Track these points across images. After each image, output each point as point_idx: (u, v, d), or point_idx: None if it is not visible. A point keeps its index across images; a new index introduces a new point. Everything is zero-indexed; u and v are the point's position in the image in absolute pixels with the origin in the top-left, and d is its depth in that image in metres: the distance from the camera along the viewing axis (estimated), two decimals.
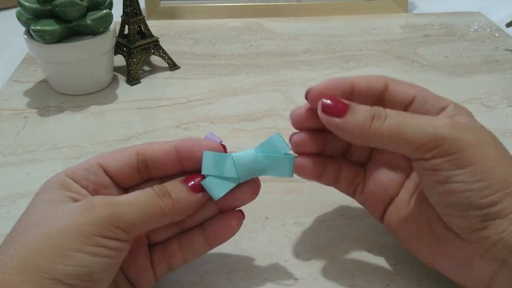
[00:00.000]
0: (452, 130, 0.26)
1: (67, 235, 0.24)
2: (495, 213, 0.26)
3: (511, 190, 0.26)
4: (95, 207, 0.25)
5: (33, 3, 0.49)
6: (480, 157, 0.26)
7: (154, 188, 0.27)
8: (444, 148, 0.26)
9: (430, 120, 0.27)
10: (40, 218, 0.25)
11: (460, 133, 0.26)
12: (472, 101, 0.53)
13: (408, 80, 0.52)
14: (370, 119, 0.27)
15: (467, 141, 0.26)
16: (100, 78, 0.55)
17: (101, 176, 0.29)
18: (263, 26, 0.73)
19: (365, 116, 0.27)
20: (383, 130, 0.27)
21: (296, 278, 0.33)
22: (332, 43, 0.67)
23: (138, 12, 0.57)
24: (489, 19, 0.74)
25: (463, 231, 0.27)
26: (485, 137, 0.27)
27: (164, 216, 0.27)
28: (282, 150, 0.30)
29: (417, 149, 0.27)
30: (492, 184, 0.26)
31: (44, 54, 0.51)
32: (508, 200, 0.26)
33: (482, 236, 0.26)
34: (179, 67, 0.60)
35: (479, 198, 0.26)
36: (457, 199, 0.26)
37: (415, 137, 0.26)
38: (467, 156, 0.26)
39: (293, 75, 0.59)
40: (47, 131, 0.48)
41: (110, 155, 0.30)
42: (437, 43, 0.66)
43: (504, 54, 0.63)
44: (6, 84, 0.57)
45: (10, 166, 0.44)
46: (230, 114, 0.51)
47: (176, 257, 0.31)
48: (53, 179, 0.28)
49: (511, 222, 0.26)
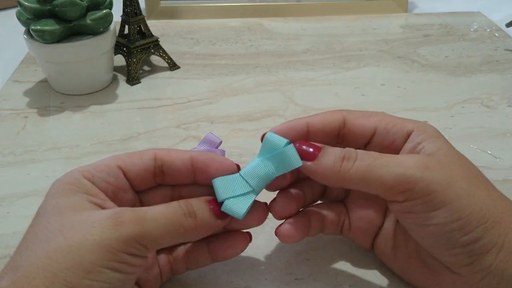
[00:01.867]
0: (421, 172, 0.26)
1: (95, 250, 0.23)
2: (479, 249, 0.25)
3: (490, 223, 0.25)
4: (124, 222, 0.24)
5: (33, 3, 0.49)
6: (453, 196, 0.25)
7: (181, 205, 0.27)
8: (415, 190, 0.26)
9: (399, 161, 0.26)
10: (65, 228, 0.24)
11: (429, 173, 0.26)
12: (472, 101, 0.53)
13: (408, 80, 0.52)
14: (340, 161, 0.27)
15: (437, 181, 0.26)
16: (100, 78, 0.55)
17: (121, 179, 0.28)
18: (263, 26, 0.73)
19: (335, 159, 0.27)
20: (352, 172, 0.27)
21: (296, 278, 0.33)
22: (332, 43, 0.67)
23: (138, 12, 0.57)
24: (489, 19, 0.74)
25: (452, 266, 0.27)
26: (456, 170, 0.27)
27: (186, 235, 0.27)
28: (280, 145, 0.29)
29: (389, 191, 0.26)
30: (470, 221, 0.25)
31: (44, 54, 0.51)
32: (490, 233, 0.25)
33: (471, 270, 0.26)
34: (179, 67, 0.60)
35: (460, 236, 0.25)
36: (438, 240, 0.26)
37: (385, 180, 0.26)
38: (439, 196, 0.25)
39: (293, 75, 0.59)
40: (47, 131, 0.48)
41: (128, 158, 0.29)
42: (437, 43, 0.66)
43: (504, 54, 0.63)
44: (6, 84, 0.57)
45: (10, 166, 0.44)
46: (230, 114, 0.51)
47: (180, 264, 0.31)
48: (68, 179, 0.27)
49: (496, 255, 0.25)
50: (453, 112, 0.51)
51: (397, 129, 0.29)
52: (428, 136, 0.29)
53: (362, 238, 0.32)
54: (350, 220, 0.32)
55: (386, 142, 0.30)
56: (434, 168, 0.26)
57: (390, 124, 0.30)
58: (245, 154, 0.45)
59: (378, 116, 0.30)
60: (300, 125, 0.30)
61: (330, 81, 0.57)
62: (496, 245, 0.25)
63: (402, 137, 0.29)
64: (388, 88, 0.56)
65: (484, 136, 0.47)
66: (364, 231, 0.32)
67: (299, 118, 0.30)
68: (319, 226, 0.32)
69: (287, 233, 0.30)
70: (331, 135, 0.30)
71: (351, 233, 0.32)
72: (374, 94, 0.55)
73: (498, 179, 0.41)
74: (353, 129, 0.30)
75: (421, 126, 0.29)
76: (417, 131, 0.29)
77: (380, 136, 0.30)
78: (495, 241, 0.25)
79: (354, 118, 0.30)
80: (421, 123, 0.30)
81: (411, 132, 0.29)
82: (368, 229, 0.32)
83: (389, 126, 0.30)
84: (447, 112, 0.51)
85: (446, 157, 0.27)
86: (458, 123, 0.49)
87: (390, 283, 0.32)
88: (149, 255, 0.26)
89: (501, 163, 0.43)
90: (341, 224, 0.32)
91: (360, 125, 0.30)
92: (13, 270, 0.24)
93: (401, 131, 0.29)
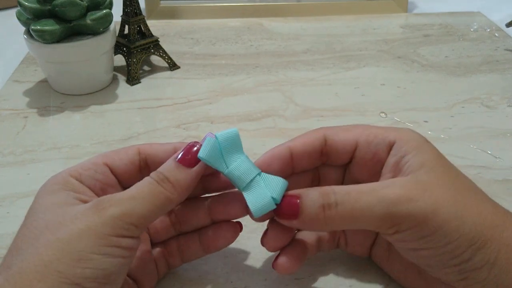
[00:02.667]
0: (406, 206, 0.25)
1: (82, 238, 0.24)
2: (470, 267, 0.25)
3: (480, 242, 0.25)
4: (105, 207, 0.25)
5: (33, 3, 0.49)
6: (441, 222, 0.25)
7: (152, 176, 0.27)
8: (402, 225, 0.25)
9: (382, 198, 0.25)
10: (51, 223, 0.25)
11: (414, 205, 0.25)
12: (472, 101, 0.53)
13: (408, 80, 0.52)
14: (322, 211, 0.26)
15: (423, 211, 0.25)
16: (100, 78, 0.55)
17: (108, 176, 0.29)
18: (263, 26, 0.73)
19: (316, 210, 0.26)
20: (338, 220, 0.26)
21: (296, 278, 0.33)
22: (332, 43, 0.67)
23: (138, 12, 0.57)
24: (489, 19, 0.74)
25: (446, 281, 0.27)
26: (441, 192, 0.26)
27: (169, 201, 0.27)
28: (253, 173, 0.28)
29: (377, 228, 0.26)
30: (459, 244, 0.25)
31: (44, 54, 0.51)
32: (481, 253, 0.25)
33: (465, 285, 0.26)
34: (179, 67, 0.60)
35: (451, 258, 0.25)
36: (430, 262, 0.26)
37: (371, 221, 0.26)
38: (427, 225, 0.25)
39: (293, 75, 0.59)
40: (47, 131, 0.48)
41: (114, 154, 0.30)
42: (437, 43, 0.66)
43: (504, 54, 0.63)
44: (6, 84, 0.57)
45: (10, 166, 0.44)
46: (230, 114, 0.51)
47: (175, 257, 0.32)
48: (55, 180, 0.28)
49: (489, 272, 0.25)
50: (453, 112, 0.51)
51: (378, 140, 0.29)
52: (411, 147, 0.28)
53: (359, 251, 0.33)
54: (346, 236, 0.33)
55: (369, 155, 0.29)
56: (418, 197, 0.25)
57: (371, 135, 0.29)
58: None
59: (358, 129, 0.30)
60: (282, 152, 0.29)
61: (330, 81, 0.57)
62: (488, 262, 0.25)
63: (384, 149, 0.29)
64: (388, 88, 0.56)
65: (484, 136, 0.47)
66: (360, 244, 0.33)
67: (280, 145, 0.30)
68: (315, 248, 0.32)
69: (285, 266, 0.30)
70: (314, 155, 0.30)
71: (348, 248, 0.33)
72: (374, 94, 0.55)
73: (498, 179, 0.41)
74: (335, 145, 0.30)
75: (404, 135, 0.28)
76: (399, 142, 0.28)
77: (362, 149, 0.29)
78: (486, 258, 0.25)
79: (334, 134, 0.30)
80: (403, 131, 0.29)
81: (393, 143, 0.28)
82: (364, 242, 0.32)
83: (370, 138, 0.29)
84: (447, 112, 0.51)
85: (431, 176, 0.26)
86: (458, 123, 0.49)
87: (390, 283, 0.32)
88: (139, 234, 0.26)
89: (501, 163, 0.43)
90: (336, 241, 0.33)
91: (340, 141, 0.29)
92: (6, 269, 0.24)
93: (382, 142, 0.29)
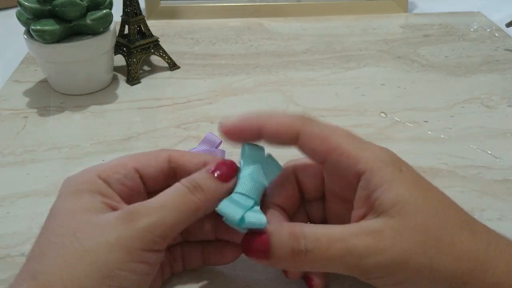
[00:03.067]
0: (375, 258, 0.24)
1: (111, 252, 0.23)
2: None
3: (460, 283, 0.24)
4: (136, 218, 0.24)
5: (33, 3, 0.49)
6: (412, 272, 0.24)
7: (184, 183, 0.26)
8: (372, 276, 0.25)
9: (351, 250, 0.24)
10: (79, 231, 0.24)
11: (384, 257, 0.24)
12: (472, 101, 0.53)
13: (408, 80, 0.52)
14: (291, 255, 0.25)
15: (394, 262, 0.24)
16: (100, 78, 0.55)
17: (137, 182, 0.28)
18: (263, 26, 0.73)
19: (285, 254, 0.25)
20: (307, 264, 0.26)
21: None
22: (332, 43, 0.67)
23: (138, 12, 0.57)
24: (489, 19, 0.74)
25: None
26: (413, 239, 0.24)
27: (198, 211, 0.26)
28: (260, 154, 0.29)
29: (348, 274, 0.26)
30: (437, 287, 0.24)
31: (44, 54, 0.51)
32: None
33: None
34: (179, 67, 0.60)
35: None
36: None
37: (341, 269, 0.25)
38: (399, 276, 0.24)
39: (293, 75, 0.58)
40: (47, 131, 0.48)
41: (144, 159, 0.29)
42: (437, 43, 0.66)
43: (504, 54, 0.63)
44: (6, 84, 0.57)
45: (10, 166, 0.44)
46: (230, 114, 0.51)
47: (177, 263, 0.32)
48: (82, 179, 0.27)
49: None
50: (453, 112, 0.51)
51: (348, 164, 0.26)
52: (382, 180, 0.26)
53: None
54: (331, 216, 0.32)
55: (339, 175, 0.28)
56: (388, 247, 0.24)
57: (344, 155, 0.27)
58: None
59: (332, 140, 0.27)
60: (253, 127, 0.28)
61: (330, 81, 0.57)
62: None
63: (353, 177, 0.27)
64: (388, 88, 0.56)
65: (484, 136, 0.47)
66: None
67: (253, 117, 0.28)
68: None
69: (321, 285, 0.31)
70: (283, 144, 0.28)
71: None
72: (374, 94, 0.55)
73: (498, 179, 0.41)
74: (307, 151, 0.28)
75: (375, 162, 0.26)
76: (369, 173, 0.26)
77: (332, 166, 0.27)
78: None
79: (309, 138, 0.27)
80: (376, 155, 0.27)
81: (363, 173, 0.26)
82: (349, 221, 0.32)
83: (341, 158, 0.27)
84: (447, 112, 0.51)
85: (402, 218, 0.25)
86: (458, 123, 0.49)
87: None
88: (165, 247, 0.26)
89: (501, 163, 0.43)
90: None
91: (313, 148, 0.27)
92: (31, 277, 0.23)
93: (352, 168, 0.26)
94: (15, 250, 0.35)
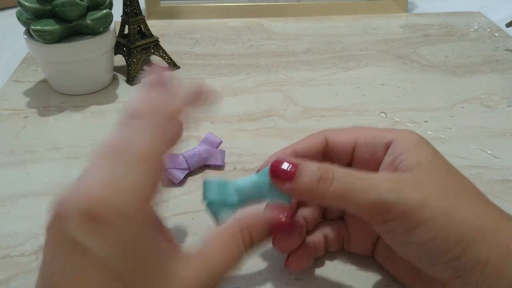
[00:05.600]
0: (396, 195, 0.26)
1: None
2: (462, 266, 0.25)
3: (470, 240, 0.25)
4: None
5: (33, 3, 0.49)
6: (429, 216, 0.25)
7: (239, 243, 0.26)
8: (391, 213, 0.26)
9: (375, 185, 0.26)
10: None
11: (404, 196, 0.26)
12: (472, 101, 0.53)
13: (408, 80, 0.52)
14: (317, 181, 0.26)
15: (412, 203, 0.25)
16: (100, 78, 0.55)
17: None
18: (263, 26, 0.73)
19: (311, 179, 0.27)
20: (330, 194, 0.26)
21: (296, 278, 0.33)
22: (332, 43, 0.67)
23: (138, 12, 0.57)
24: (489, 19, 0.74)
25: (440, 279, 0.27)
26: (432, 189, 0.26)
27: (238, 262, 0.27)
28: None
29: (366, 214, 0.27)
30: (447, 240, 0.25)
31: (44, 54, 0.51)
32: (470, 252, 0.25)
33: (459, 284, 0.26)
34: (179, 67, 0.60)
35: (439, 255, 0.25)
36: (420, 257, 0.27)
37: (361, 204, 0.26)
38: (415, 217, 0.25)
39: (293, 75, 0.59)
40: (47, 131, 0.48)
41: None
42: (437, 43, 0.67)
43: (504, 54, 0.63)
44: (6, 84, 0.57)
45: (10, 166, 0.44)
46: (230, 114, 0.51)
47: None
48: None
49: (481, 272, 0.25)
50: (453, 112, 0.51)
51: (376, 141, 0.30)
52: (407, 146, 0.28)
53: (362, 250, 0.34)
54: (349, 235, 0.33)
55: (367, 155, 0.30)
56: (409, 190, 0.26)
57: (370, 137, 0.30)
58: (245, 154, 0.45)
59: (357, 131, 0.31)
60: (287, 155, 0.31)
61: (330, 81, 0.57)
62: (479, 262, 0.25)
63: (381, 149, 0.30)
64: (388, 88, 0.56)
65: (484, 136, 0.47)
66: (362, 244, 0.33)
67: (285, 147, 0.32)
68: (323, 248, 0.33)
69: (297, 265, 0.32)
70: (317, 157, 0.31)
71: (351, 247, 0.34)
72: (374, 94, 0.55)
73: (498, 179, 0.41)
74: (335, 147, 0.31)
75: (401, 135, 0.29)
76: (396, 142, 0.29)
77: (361, 150, 0.30)
78: (477, 258, 0.25)
79: (335, 136, 0.31)
80: (403, 131, 0.30)
81: (390, 143, 0.29)
82: (366, 241, 0.33)
83: (368, 139, 0.30)
84: (447, 112, 0.51)
85: (424, 173, 0.27)
86: (458, 123, 0.49)
87: (391, 283, 0.32)
88: None
89: (501, 163, 0.43)
90: (341, 240, 0.34)
91: (340, 142, 0.31)
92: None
93: (380, 143, 0.30)
94: (15, 250, 0.35)
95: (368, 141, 0.30)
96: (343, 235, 0.34)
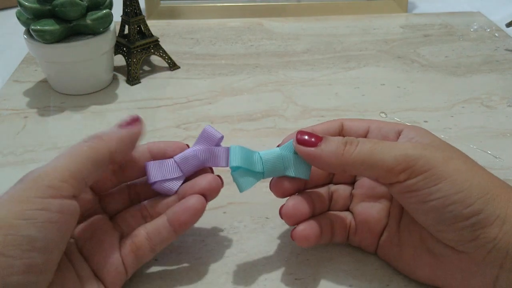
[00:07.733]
0: (420, 151, 0.27)
1: (4, 206, 0.24)
2: (482, 221, 0.26)
3: (490, 195, 0.26)
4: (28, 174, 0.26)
5: (33, 3, 0.49)
6: (453, 170, 0.27)
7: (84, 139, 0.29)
8: (416, 168, 0.27)
9: (399, 144, 0.28)
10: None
11: (428, 151, 0.27)
12: (472, 101, 0.53)
13: (408, 80, 0.52)
14: (343, 145, 0.29)
15: (436, 158, 0.27)
16: (100, 78, 0.55)
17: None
18: (263, 26, 0.73)
19: (338, 144, 0.29)
20: (355, 155, 0.28)
21: (296, 278, 0.33)
22: (332, 43, 0.67)
23: (138, 12, 0.57)
24: (489, 19, 0.74)
25: (456, 244, 0.27)
26: (452, 152, 0.29)
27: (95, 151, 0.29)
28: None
29: (390, 171, 0.27)
30: (471, 193, 0.26)
31: (44, 54, 0.51)
32: (491, 205, 0.26)
33: (476, 246, 0.26)
34: (179, 67, 0.60)
35: (462, 209, 0.26)
36: (441, 215, 0.27)
37: (387, 160, 0.27)
38: (439, 171, 0.27)
39: (293, 75, 0.59)
40: (47, 131, 0.48)
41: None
42: (437, 43, 0.67)
43: (504, 54, 0.63)
44: (6, 84, 0.57)
45: (10, 166, 0.44)
46: (230, 114, 0.51)
47: (144, 248, 0.31)
48: None
49: (500, 228, 0.26)
50: (453, 112, 0.51)
51: (388, 128, 0.32)
52: (418, 133, 0.31)
53: (368, 240, 0.33)
54: (357, 224, 0.33)
55: (379, 138, 0.32)
56: (432, 149, 0.28)
57: (382, 124, 0.33)
58: None
59: (370, 120, 0.33)
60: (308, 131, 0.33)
61: (330, 81, 0.57)
62: (499, 217, 0.26)
63: (394, 135, 0.32)
64: (388, 88, 0.56)
65: (484, 136, 0.47)
66: (370, 232, 0.33)
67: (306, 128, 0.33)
68: (329, 232, 0.33)
69: (304, 233, 0.31)
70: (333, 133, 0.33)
71: (357, 237, 0.33)
72: (374, 94, 0.55)
73: None
74: (349, 129, 0.33)
75: (412, 126, 0.32)
76: (407, 129, 0.31)
77: (374, 134, 0.32)
78: (497, 213, 0.26)
79: (351, 121, 0.34)
80: (413, 126, 0.32)
81: (401, 131, 0.32)
82: (374, 230, 0.33)
83: (381, 125, 0.33)
84: (447, 112, 0.51)
85: (440, 143, 0.30)
86: (458, 123, 0.49)
87: (391, 283, 0.32)
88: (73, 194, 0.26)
89: (501, 163, 0.43)
90: (347, 228, 0.33)
91: (355, 125, 0.33)
92: None
93: (392, 129, 0.32)
94: None
95: (381, 126, 0.32)
96: (349, 224, 0.34)
